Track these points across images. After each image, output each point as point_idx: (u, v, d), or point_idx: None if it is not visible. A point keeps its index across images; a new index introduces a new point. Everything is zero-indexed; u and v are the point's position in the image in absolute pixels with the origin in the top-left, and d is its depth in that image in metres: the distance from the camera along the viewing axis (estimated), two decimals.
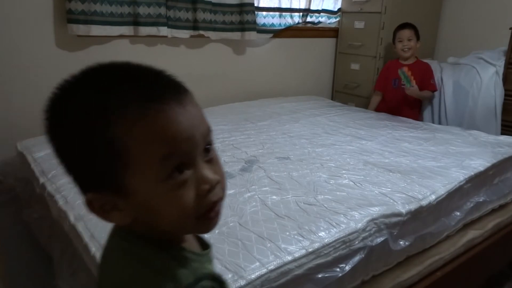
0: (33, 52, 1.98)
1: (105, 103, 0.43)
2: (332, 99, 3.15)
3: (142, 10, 2.15)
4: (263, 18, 2.72)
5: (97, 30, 2.03)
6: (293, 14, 2.87)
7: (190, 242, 0.56)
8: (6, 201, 1.85)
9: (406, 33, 2.50)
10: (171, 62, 2.42)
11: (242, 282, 0.90)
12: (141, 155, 0.44)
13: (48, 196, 1.35)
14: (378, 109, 2.65)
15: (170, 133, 0.44)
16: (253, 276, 0.92)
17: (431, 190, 1.35)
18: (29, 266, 1.58)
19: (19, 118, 2.00)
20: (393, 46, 2.62)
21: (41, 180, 1.42)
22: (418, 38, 2.53)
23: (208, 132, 0.50)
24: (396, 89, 2.56)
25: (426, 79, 2.50)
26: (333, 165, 1.57)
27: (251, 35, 2.56)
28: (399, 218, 1.22)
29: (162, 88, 0.46)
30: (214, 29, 2.45)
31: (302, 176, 1.45)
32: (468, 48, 2.86)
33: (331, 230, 1.10)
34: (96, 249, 1.01)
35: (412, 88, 2.39)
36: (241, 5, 2.50)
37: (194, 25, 2.36)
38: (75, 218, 1.16)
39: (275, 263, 0.96)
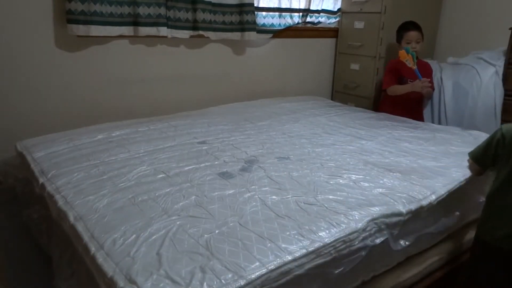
0: (33, 52, 1.98)
1: None
2: (332, 99, 3.15)
3: (142, 10, 2.15)
4: (263, 18, 2.72)
5: (97, 30, 2.03)
6: (293, 14, 2.87)
7: None
8: (6, 201, 1.85)
9: (415, 35, 2.49)
10: (171, 62, 2.42)
11: (242, 282, 0.90)
12: None
13: (47, 196, 1.35)
14: (382, 110, 2.62)
15: None
16: (253, 276, 0.92)
17: (431, 190, 1.35)
18: (29, 266, 1.58)
19: (19, 118, 2.00)
20: (398, 46, 2.57)
21: (41, 180, 1.42)
22: (423, 38, 2.53)
23: None
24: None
25: (430, 79, 2.51)
26: (333, 165, 1.57)
27: (251, 35, 2.56)
28: (399, 218, 1.22)
29: None
30: (214, 29, 2.45)
31: (302, 176, 1.45)
32: (468, 48, 2.86)
33: (332, 230, 1.10)
34: (96, 249, 1.01)
35: (427, 84, 2.38)
36: (241, 5, 2.50)
37: (194, 26, 2.36)
38: (74, 218, 1.16)
39: (275, 263, 0.96)
